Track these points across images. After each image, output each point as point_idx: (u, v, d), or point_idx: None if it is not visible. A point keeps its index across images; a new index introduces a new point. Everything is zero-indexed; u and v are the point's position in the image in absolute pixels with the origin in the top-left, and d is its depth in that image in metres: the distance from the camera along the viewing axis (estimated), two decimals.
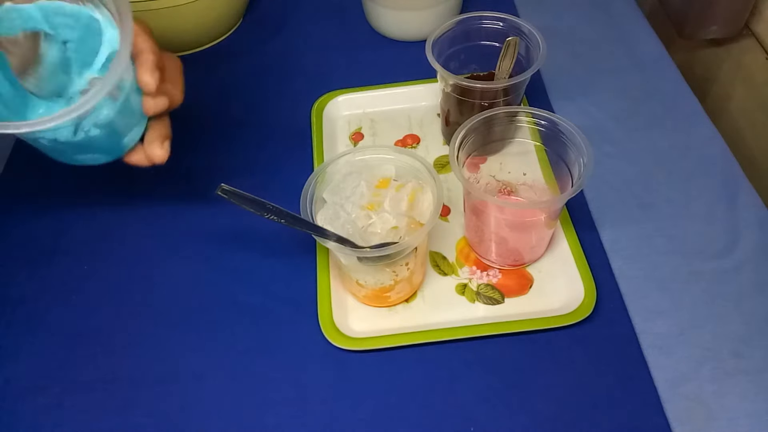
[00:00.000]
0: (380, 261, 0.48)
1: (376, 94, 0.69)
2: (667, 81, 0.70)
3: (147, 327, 0.54)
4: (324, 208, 0.51)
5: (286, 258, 0.57)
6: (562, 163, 0.52)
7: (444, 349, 0.50)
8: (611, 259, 0.55)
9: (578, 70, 0.72)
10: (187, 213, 0.61)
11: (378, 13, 0.75)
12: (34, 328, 0.55)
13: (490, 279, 0.55)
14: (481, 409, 0.47)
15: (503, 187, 0.58)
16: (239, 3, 0.77)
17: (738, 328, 0.50)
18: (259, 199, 0.46)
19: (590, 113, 0.67)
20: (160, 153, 0.48)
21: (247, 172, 0.64)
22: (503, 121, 0.53)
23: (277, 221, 0.46)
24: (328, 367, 0.50)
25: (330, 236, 0.48)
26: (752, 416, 0.46)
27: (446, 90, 0.60)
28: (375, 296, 0.52)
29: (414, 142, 0.66)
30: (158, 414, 0.49)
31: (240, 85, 0.73)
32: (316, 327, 0.51)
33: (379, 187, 0.51)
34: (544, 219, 0.51)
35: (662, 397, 0.47)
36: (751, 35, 0.76)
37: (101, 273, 0.57)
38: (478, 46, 0.63)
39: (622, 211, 0.58)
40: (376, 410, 0.48)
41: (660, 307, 0.52)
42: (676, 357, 0.49)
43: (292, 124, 0.68)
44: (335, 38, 0.78)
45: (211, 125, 0.69)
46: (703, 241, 0.56)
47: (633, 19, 0.78)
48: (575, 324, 0.50)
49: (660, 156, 0.63)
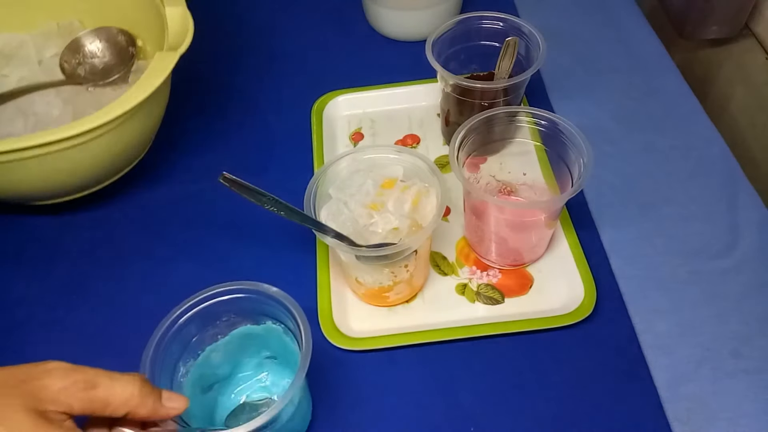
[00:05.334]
0: (378, 261, 0.48)
1: (376, 94, 0.69)
2: (667, 81, 0.70)
3: (147, 326, 0.54)
4: (328, 204, 0.51)
5: (286, 258, 0.57)
6: (562, 163, 0.52)
7: (444, 349, 0.50)
8: (611, 259, 0.55)
9: (578, 70, 0.72)
10: (187, 213, 0.61)
11: (378, 13, 0.75)
12: (35, 328, 0.55)
13: (490, 279, 0.55)
14: (481, 409, 0.48)
15: (503, 187, 0.58)
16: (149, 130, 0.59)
17: (738, 328, 0.50)
18: (259, 190, 0.46)
19: (590, 113, 0.67)
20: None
21: (247, 172, 0.63)
22: (503, 121, 0.53)
23: (276, 213, 0.46)
24: (328, 367, 0.50)
25: (328, 231, 0.48)
26: (752, 416, 0.46)
27: (446, 90, 0.60)
28: (374, 295, 0.52)
29: (414, 142, 0.66)
30: None
31: (240, 84, 0.73)
32: (316, 327, 0.51)
33: (385, 186, 0.51)
34: (544, 219, 0.51)
35: (662, 397, 0.47)
36: (751, 35, 0.76)
37: (101, 273, 0.57)
38: (478, 46, 0.63)
39: (622, 211, 0.58)
40: (376, 410, 0.48)
41: (660, 307, 0.52)
42: (676, 357, 0.49)
43: (292, 124, 0.68)
44: (335, 38, 0.78)
45: (211, 125, 0.69)
46: (703, 241, 0.56)
47: (633, 19, 0.78)
48: (575, 324, 0.50)
49: (660, 156, 0.63)
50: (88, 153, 0.48)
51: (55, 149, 0.46)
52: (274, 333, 0.45)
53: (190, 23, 0.53)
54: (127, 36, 0.63)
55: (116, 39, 0.62)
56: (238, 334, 0.45)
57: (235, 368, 0.48)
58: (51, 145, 0.46)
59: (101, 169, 0.53)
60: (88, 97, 0.60)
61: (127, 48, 0.62)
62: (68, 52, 0.61)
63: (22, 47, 0.63)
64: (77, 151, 0.47)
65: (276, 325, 0.45)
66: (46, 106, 0.58)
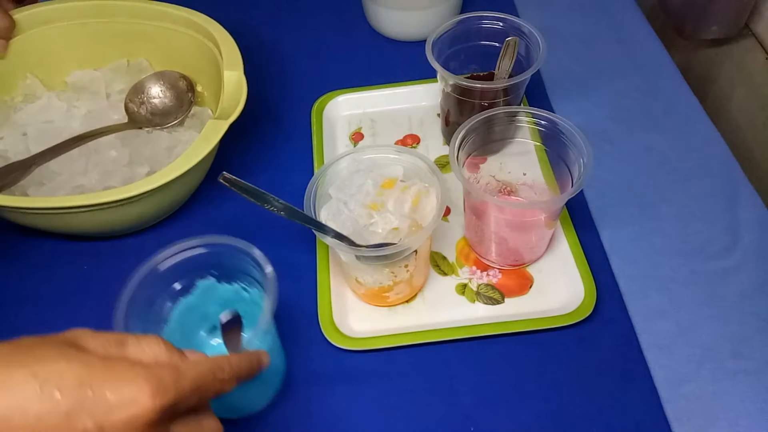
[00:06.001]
0: (378, 261, 0.48)
1: (376, 94, 0.69)
2: (667, 81, 0.70)
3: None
4: (328, 204, 0.51)
5: (286, 258, 0.57)
6: (562, 163, 0.52)
7: (444, 349, 0.50)
8: (611, 259, 0.55)
9: (578, 70, 0.72)
10: (186, 213, 0.61)
11: (378, 13, 0.75)
12: (35, 328, 0.54)
13: (490, 279, 0.55)
14: (481, 409, 0.48)
15: (503, 187, 0.58)
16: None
17: (738, 328, 0.50)
18: (259, 190, 0.46)
19: (590, 113, 0.67)
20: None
21: (247, 172, 0.63)
22: (503, 121, 0.53)
23: (276, 212, 0.46)
24: (328, 367, 0.50)
25: (328, 231, 0.48)
26: (752, 416, 0.46)
27: (446, 90, 0.60)
28: (374, 295, 0.52)
29: (414, 142, 0.66)
30: None
31: None
32: (316, 327, 0.51)
33: (385, 186, 0.51)
34: (544, 219, 0.51)
35: (662, 397, 0.47)
36: (751, 35, 0.76)
37: (101, 272, 0.57)
38: (478, 46, 0.63)
39: (622, 211, 0.58)
40: (376, 410, 0.48)
41: (660, 307, 0.52)
42: (676, 357, 0.49)
43: (292, 124, 0.68)
44: (335, 38, 0.78)
45: None
46: (703, 241, 0.56)
47: (633, 19, 0.78)
48: (575, 324, 0.50)
49: (660, 156, 0.63)
50: (137, 208, 0.54)
51: (108, 207, 0.52)
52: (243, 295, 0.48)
53: (244, 90, 0.56)
54: (188, 81, 0.66)
55: (177, 83, 0.66)
56: (210, 286, 0.47)
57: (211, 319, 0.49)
58: (107, 204, 0.51)
59: (146, 218, 0.59)
60: (145, 138, 0.64)
61: (187, 93, 0.66)
62: (133, 92, 0.66)
63: (93, 82, 0.67)
64: (130, 207, 0.53)
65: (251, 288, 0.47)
66: (106, 146, 0.62)
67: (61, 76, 0.68)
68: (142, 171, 0.60)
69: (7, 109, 0.65)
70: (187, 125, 0.65)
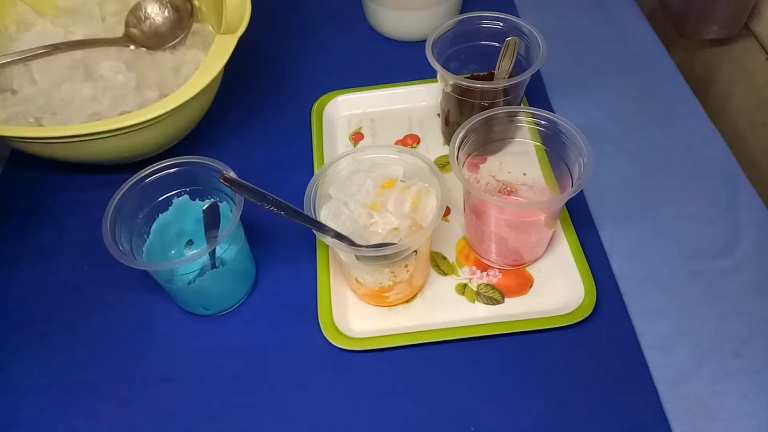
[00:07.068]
0: (378, 261, 0.48)
1: (376, 94, 0.69)
2: (667, 81, 0.70)
3: (147, 326, 0.54)
4: (328, 204, 0.51)
5: (286, 259, 0.57)
6: (562, 163, 0.52)
7: (444, 349, 0.50)
8: (611, 259, 0.55)
9: (578, 70, 0.72)
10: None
11: (378, 13, 0.75)
12: (35, 328, 0.55)
13: (490, 279, 0.55)
14: (481, 409, 0.48)
15: (503, 187, 0.58)
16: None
17: (738, 328, 0.50)
18: (259, 190, 0.46)
19: (590, 113, 0.67)
20: None
21: (247, 172, 0.63)
22: (503, 121, 0.53)
23: (276, 212, 0.46)
24: (328, 367, 0.50)
25: (328, 231, 0.48)
26: (752, 416, 0.46)
27: (446, 90, 0.60)
28: (374, 295, 0.52)
29: (414, 142, 0.66)
30: (158, 414, 0.49)
31: (240, 84, 0.73)
32: (316, 327, 0.51)
33: (385, 186, 0.51)
34: (544, 219, 0.51)
35: (662, 397, 0.47)
36: (751, 35, 0.76)
37: (101, 272, 0.57)
38: (478, 46, 0.63)
39: (622, 211, 0.58)
40: (376, 410, 0.48)
41: (660, 307, 0.52)
42: (676, 357, 0.49)
43: (292, 124, 0.68)
44: (335, 38, 0.78)
45: (211, 125, 0.69)
46: (703, 241, 0.56)
47: (633, 19, 0.78)
48: (575, 324, 0.50)
49: (660, 156, 0.63)
50: (154, 131, 0.54)
51: (127, 131, 0.52)
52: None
53: (248, 5, 0.55)
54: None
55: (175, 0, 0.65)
56: (184, 203, 0.53)
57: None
58: (127, 128, 0.51)
59: (161, 143, 0.58)
60: (149, 61, 0.63)
61: (186, 3, 0.65)
62: (131, 13, 0.65)
63: (85, 4, 0.66)
64: (147, 130, 0.53)
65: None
66: (111, 71, 0.61)
67: (53, 0, 0.67)
68: (152, 94, 0.59)
69: (3, 39, 0.64)
70: (188, 44, 0.64)
